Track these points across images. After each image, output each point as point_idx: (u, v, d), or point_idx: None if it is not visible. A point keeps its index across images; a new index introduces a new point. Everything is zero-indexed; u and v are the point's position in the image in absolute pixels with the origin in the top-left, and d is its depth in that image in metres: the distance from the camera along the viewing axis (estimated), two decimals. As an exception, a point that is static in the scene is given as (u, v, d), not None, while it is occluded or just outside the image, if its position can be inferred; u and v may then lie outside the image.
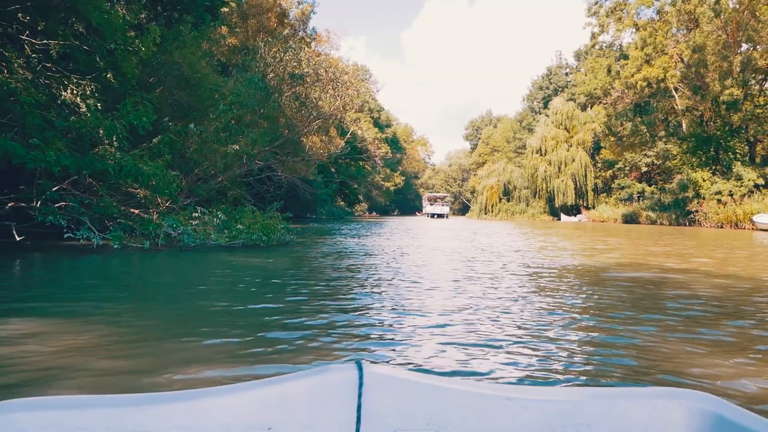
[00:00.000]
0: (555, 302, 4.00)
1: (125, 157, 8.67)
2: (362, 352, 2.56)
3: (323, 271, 5.91)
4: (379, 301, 3.96)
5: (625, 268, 6.65)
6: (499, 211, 51.08)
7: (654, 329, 3.09)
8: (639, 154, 37.32)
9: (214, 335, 2.82)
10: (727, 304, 3.99)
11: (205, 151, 10.02)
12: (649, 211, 32.00)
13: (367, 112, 54.13)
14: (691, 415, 0.88)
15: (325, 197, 36.81)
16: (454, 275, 5.64)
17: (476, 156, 77.08)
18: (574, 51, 57.98)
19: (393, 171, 62.05)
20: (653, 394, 0.93)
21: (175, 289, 4.79)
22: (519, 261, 7.32)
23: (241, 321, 3.23)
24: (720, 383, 2.13)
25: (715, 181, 26.64)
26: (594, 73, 40.60)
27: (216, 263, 6.85)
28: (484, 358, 2.46)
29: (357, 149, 43.38)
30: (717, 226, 25.04)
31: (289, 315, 3.38)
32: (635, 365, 2.38)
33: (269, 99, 13.29)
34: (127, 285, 4.95)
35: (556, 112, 46.99)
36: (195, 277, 5.62)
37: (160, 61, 11.33)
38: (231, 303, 3.83)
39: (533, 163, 47.49)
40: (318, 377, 0.92)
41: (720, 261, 7.67)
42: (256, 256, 7.45)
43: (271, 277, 5.53)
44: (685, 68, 26.78)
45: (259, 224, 8.59)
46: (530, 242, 12.04)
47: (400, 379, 0.94)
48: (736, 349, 2.68)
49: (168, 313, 3.54)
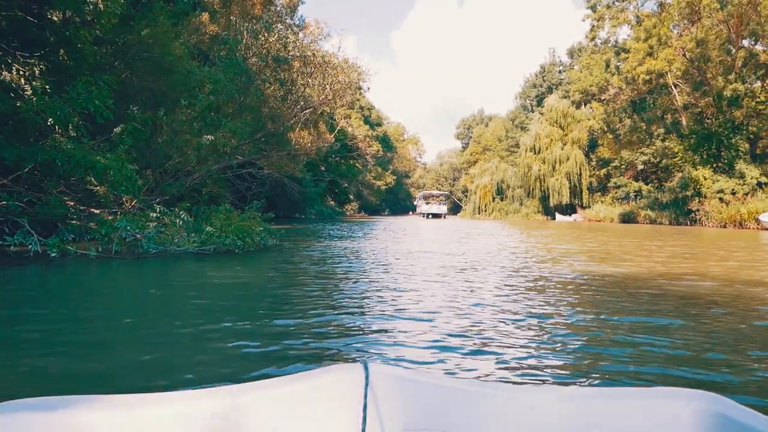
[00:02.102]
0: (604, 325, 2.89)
1: (75, 147, 7.41)
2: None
3: (301, 286, 4.74)
4: (371, 330, 2.88)
5: (672, 277, 5.55)
6: (493, 210, 50.12)
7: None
8: (636, 152, 36.56)
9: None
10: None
11: (175, 142, 8.72)
12: (648, 210, 31.19)
13: (357, 110, 52.89)
14: (697, 415, 0.87)
15: (314, 196, 35.59)
16: (462, 294, 4.50)
17: (468, 155, 76.10)
18: (567, 48, 57.28)
19: (384, 170, 60.83)
20: (659, 394, 0.92)
21: (91, 310, 3.57)
22: (542, 274, 6.20)
23: (179, 369, 2.05)
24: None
25: (717, 180, 25.84)
26: (590, 69, 39.84)
27: (171, 275, 5.65)
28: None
29: (347, 147, 42.22)
30: (720, 225, 24.23)
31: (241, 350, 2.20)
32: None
33: (251, 85, 11.92)
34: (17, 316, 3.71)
35: (551, 109, 46.07)
36: (127, 296, 4.42)
37: (127, 41, 10.03)
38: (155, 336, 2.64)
39: (527, 162, 46.53)
40: (324, 377, 0.91)
41: (748, 264, 6.62)
42: (225, 266, 6.24)
43: (231, 295, 4.37)
44: (688, 63, 25.93)
45: (233, 227, 7.32)
46: (545, 246, 10.96)
47: (406, 379, 0.94)
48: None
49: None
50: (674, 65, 25.52)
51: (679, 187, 28.28)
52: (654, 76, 27.33)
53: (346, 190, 47.79)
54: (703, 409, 0.87)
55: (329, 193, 45.13)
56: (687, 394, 0.92)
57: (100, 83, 7.99)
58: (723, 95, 25.54)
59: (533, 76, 61.52)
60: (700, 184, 26.37)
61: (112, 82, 7.85)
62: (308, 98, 15.12)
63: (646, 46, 25.92)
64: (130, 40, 10.16)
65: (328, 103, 15.86)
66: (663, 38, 25.56)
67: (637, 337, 2.87)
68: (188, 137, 8.63)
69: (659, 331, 3.02)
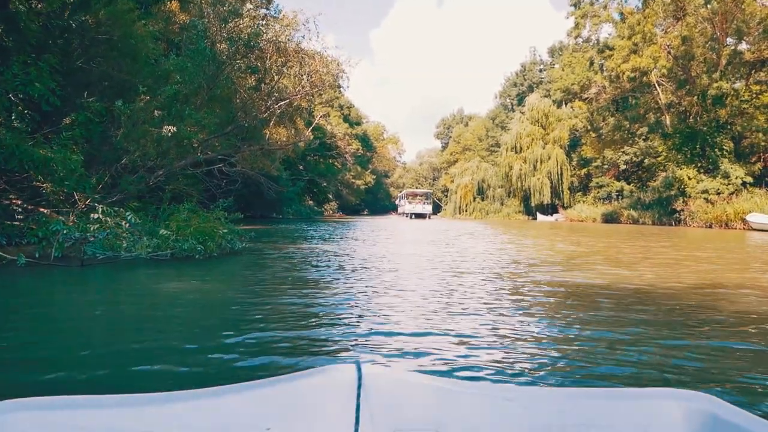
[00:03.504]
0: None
1: (7, 136, 6.17)
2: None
3: (265, 297, 3.73)
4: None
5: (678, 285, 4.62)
6: (474, 210, 49.60)
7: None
8: (618, 151, 36.39)
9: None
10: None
11: (133, 134, 7.49)
12: (631, 210, 30.93)
13: (337, 108, 51.63)
14: (690, 416, 0.86)
15: (292, 195, 34.25)
16: (455, 299, 3.49)
17: (447, 155, 75.69)
18: (548, 47, 57.22)
19: (364, 169, 59.67)
20: (653, 395, 0.92)
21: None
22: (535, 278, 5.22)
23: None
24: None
25: (701, 179, 25.62)
26: (572, 68, 39.52)
27: (113, 285, 4.58)
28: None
29: (326, 145, 40.97)
30: (706, 225, 23.96)
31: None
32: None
33: (220, 73, 10.62)
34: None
35: (532, 108, 45.78)
36: (56, 310, 3.29)
37: (82, 22, 8.71)
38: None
39: (508, 161, 46.13)
40: (317, 377, 0.90)
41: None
42: (181, 274, 5.12)
43: (177, 308, 3.41)
44: (673, 60, 25.63)
45: (192, 229, 6.18)
46: (535, 247, 10.05)
47: (398, 379, 0.93)
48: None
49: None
50: (659, 63, 25.17)
51: (663, 186, 28.04)
52: (638, 74, 26.98)
53: (325, 190, 46.50)
54: (696, 409, 0.86)
55: (308, 193, 43.79)
56: (680, 394, 0.90)
57: (40, 64, 6.77)
58: (707, 94, 25.33)
59: (514, 75, 61.38)
60: (684, 183, 26.13)
61: (54, 63, 6.66)
62: (283, 90, 13.84)
63: (630, 43, 25.53)
64: (87, 21, 8.85)
65: (305, 96, 14.61)
66: (648, 35, 25.19)
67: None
68: (147, 127, 7.39)
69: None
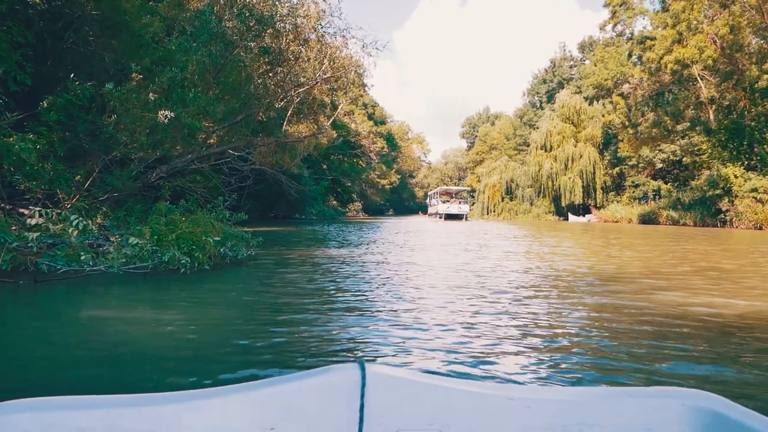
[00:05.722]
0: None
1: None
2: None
3: (258, 337, 2.83)
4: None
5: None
6: (502, 210, 48.18)
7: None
8: (654, 149, 34.50)
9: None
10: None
11: (124, 121, 6.81)
12: (670, 210, 29.19)
13: (361, 107, 51.04)
14: (693, 415, 0.86)
15: (315, 195, 33.80)
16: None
17: (474, 154, 74.15)
18: (578, 43, 55.16)
19: (389, 168, 58.89)
20: (656, 394, 0.91)
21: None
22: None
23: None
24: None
25: (749, 177, 23.83)
26: (604, 62, 37.80)
27: (60, 311, 3.64)
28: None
29: (350, 144, 40.43)
30: (755, 227, 22.26)
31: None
32: None
33: (228, 54, 9.85)
34: None
35: (563, 105, 44.09)
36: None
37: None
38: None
39: (537, 160, 44.56)
40: (320, 377, 0.90)
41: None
42: (137, 298, 4.02)
43: (133, 347, 2.49)
44: (719, 51, 23.89)
45: (174, 235, 5.04)
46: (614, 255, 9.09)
47: (402, 379, 0.93)
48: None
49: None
50: (705, 53, 23.47)
51: (707, 185, 26.26)
52: (680, 66, 25.31)
53: (349, 189, 45.96)
54: (700, 408, 0.85)
55: (331, 193, 43.35)
56: (683, 393, 0.90)
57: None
58: (756, 86, 23.53)
59: (543, 72, 59.54)
60: (730, 182, 24.37)
61: (18, 35, 5.97)
62: (301, 74, 12.86)
63: (674, 32, 23.88)
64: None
65: (326, 82, 13.69)
66: (693, 24, 23.53)
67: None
68: (139, 112, 6.65)
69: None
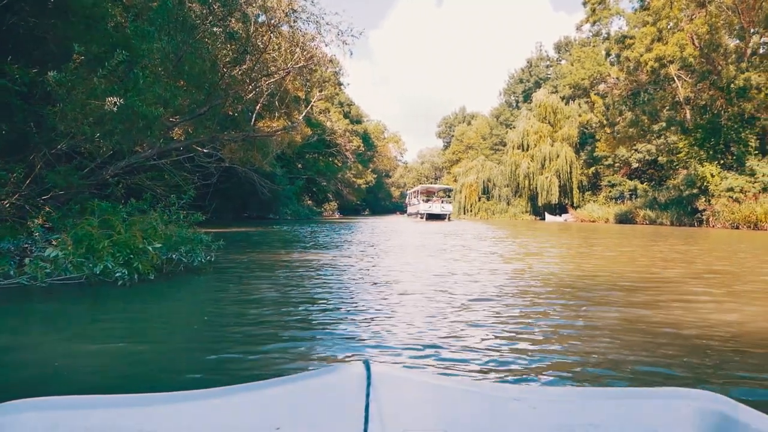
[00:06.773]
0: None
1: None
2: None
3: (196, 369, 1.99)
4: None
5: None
6: (479, 210, 47.90)
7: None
8: (631, 149, 34.71)
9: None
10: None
11: (67, 109, 5.81)
12: (647, 210, 29.29)
13: (337, 105, 49.97)
14: (701, 416, 0.85)
15: (289, 195, 32.65)
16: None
17: (450, 154, 74.03)
18: (554, 43, 55.44)
19: (365, 167, 57.98)
20: (663, 395, 0.91)
21: None
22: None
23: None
24: None
25: (726, 177, 23.97)
26: (581, 62, 37.88)
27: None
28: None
29: (326, 142, 39.39)
30: (731, 226, 22.33)
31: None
32: None
33: (190, 39, 8.80)
34: None
35: (539, 105, 44.09)
36: None
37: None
38: None
39: (514, 160, 44.42)
40: (325, 377, 0.90)
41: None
42: (74, 316, 3.30)
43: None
44: (697, 50, 23.93)
45: (108, 242, 4.23)
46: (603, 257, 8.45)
47: (408, 378, 0.93)
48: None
49: None
50: (686, 51, 23.46)
51: (684, 185, 26.36)
52: (658, 65, 25.30)
53: (325, 189, 44.89)
54: (708, 409, 0.84)
55: (306, 192, 42.19)
56: (690, 394, 0.89)
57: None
58: (732, 86, 23.67)
59: (519, 72, 59.67)
60: (707, 181, 24.47)
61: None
62: (271, 64, 11.81)
63: (654, 30, 23.81)
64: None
65: (300, 74, 12.71)
66: (674, 21, 23.50)
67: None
68: (84, 99, 5.66)
69: None
